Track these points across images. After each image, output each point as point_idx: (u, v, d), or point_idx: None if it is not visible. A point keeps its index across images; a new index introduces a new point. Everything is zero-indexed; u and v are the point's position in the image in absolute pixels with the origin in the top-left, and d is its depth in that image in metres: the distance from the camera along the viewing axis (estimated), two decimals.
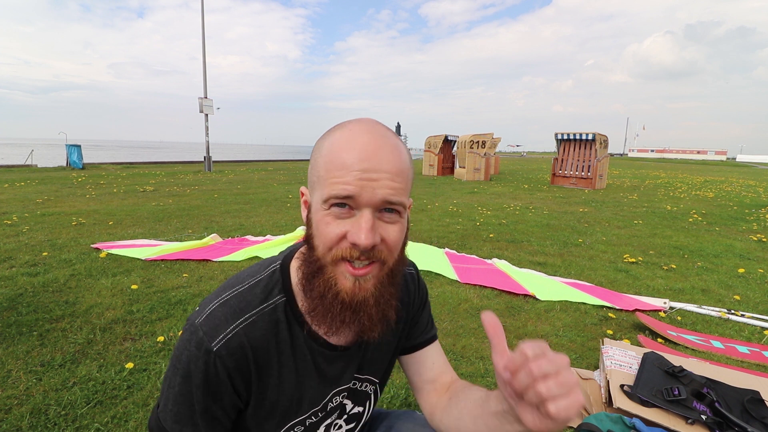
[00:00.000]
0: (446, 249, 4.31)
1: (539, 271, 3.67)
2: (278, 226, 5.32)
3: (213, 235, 4.39)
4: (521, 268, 3.76)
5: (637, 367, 1.79)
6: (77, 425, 1.57)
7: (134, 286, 2.94)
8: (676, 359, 1.92)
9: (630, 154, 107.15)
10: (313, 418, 0.71)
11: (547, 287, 3.21)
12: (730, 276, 3.77)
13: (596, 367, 2.06)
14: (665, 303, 2.93)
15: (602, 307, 2.89)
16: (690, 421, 1.51)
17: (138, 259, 3.58)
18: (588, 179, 11.90)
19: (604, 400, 1.70)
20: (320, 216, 0.58)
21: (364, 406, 0.81)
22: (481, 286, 3.20)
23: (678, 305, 2.95)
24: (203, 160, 15.69)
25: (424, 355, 0.83)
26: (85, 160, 14.97)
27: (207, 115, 15.83)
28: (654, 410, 1.56)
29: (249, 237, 4.58)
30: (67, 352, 2.06)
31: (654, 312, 2.84)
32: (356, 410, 0.80)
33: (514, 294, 3.05)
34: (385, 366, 0.81)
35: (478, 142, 13.89)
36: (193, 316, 0.64)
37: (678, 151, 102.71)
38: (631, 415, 1.53)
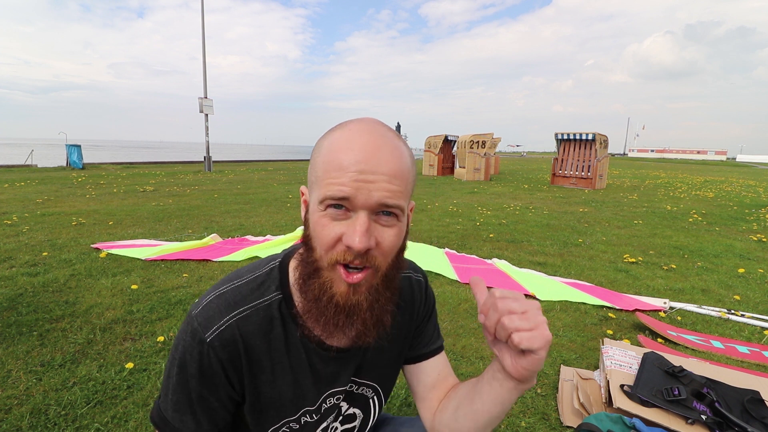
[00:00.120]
0: (446, 249, 4.31)
1: (539, 271, 3.68)
2: (278, 226, 5.32)
3: (213, 235, 4.39)
4: (521, 268, 3.76)
5: (637, 367, 1.79)
6: (77, 425, 1.57)
7: (134, 286, 2.94)
8: (676, 359, 1.92)
9: (630, 154, 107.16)
10: (307, 418, 0.71)
11: (547, 287, 3.22)
12: (730, 276, 3.77)
13: (596, 367, 2.06)
14: (665, 303, 2.93)
15: (602, 307, 2.89)
16: (690, 421, 1.51)
17: (138, 259, 3.58)
18: (588, 179, 11.91)
19: (604, 400, 1.70)
20: (317, 217, 0.57)
21: (365, 411, 0.79)
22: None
23: (678, 305, 2.95)
24: (203, 160, 15.69)
25: (429, 366, 0.81)
26: (85, 160, 14.96)
27: (207, 115, 15.82)
28: (654, 410, 1.56)
29: (249, 237, 4.58)
30: (67, 352, 2.07)
31: (654, 312, 2.84)
32: (353, 412, 0.78)
33: None
34: (386, 372, 0.79)
35: (478, 142, 13.90)
36: (191, 308, 0.66)
37: (678, 151, 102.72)
38: (631, 415, 1.53)
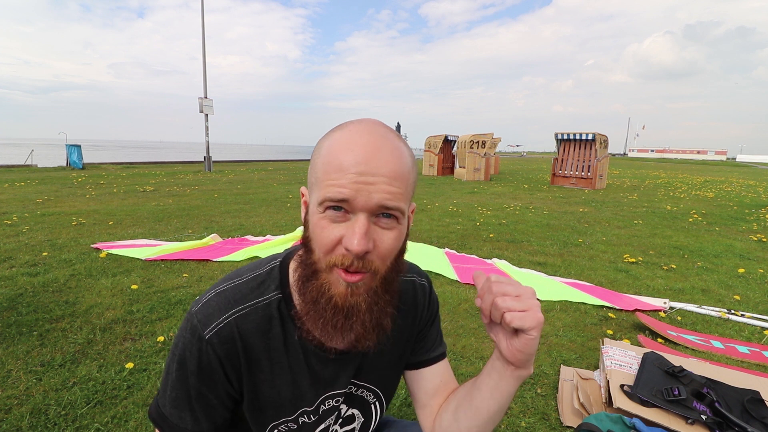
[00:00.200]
0: (446, 249, 4.31)
1: (539, 271, 3.67)
2: (278, 226, 5.32)
3: (213, 235, 4.39)
4: (521, 268, 3.76)
5: (637, 367, 1.79)
6: (77, 425, 1.57)
7: (134, 286, 2.94)
8: (676, 359, 1.92)
9: (630, 154, 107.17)
10: (305, 418, 0.71)
11: (547, 287, 3.22)
12: (730, 276, 3.77)
13: (596, 367, 2.06)
14: (665, 303, 2.93)
15: (602, 307, 2.89)
16: (690, 421, 1.51)
17: (138, 259, 3.58)
18: (588, 179, 11.91)
19: (604, 400, 1.70)
20: (316, 219, 0.57)
21: (365, 413, 0.78)
22: None
23: (678, 305, 2.95)
24: (203, 160, 15.68)
25: (431, 373, 0.80)
26: (85, 160, 14.96)
27: (207, 115, 15.82)
28: (654, 410, 1.56)
29: (249, 237, 4.58)
30: (67, 352, 2.07)
31: (654, 312, 2.84)
32: (353, 413, 0.77)
33: None
34: (386, 375, 0.78)
35: (478, 142, 13.90)
36: (192, 305, 0.67)
37: (678, 151, 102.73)
38: (631, 415, 1.53)
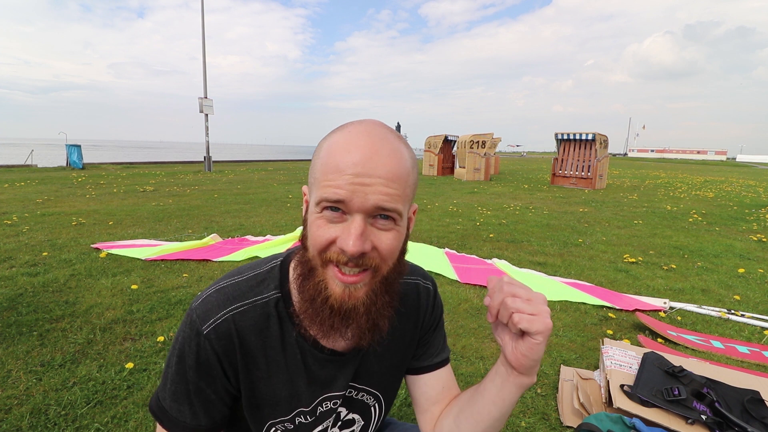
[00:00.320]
0: (446, 249, 4.31)
1: (539, 271, 3.67)
2: (278, 226, 5.32)
3: (213, 235, 4.39)
4: (521, 268, 3.76)
5: (637, 367, 1.79)
6: (77, 425, 1.57)
7: (134, 286, 2.94)
8: (676, 359, 1.92)
9: (630, 154, 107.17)
10: (302, 419, 0.71)
11: (547, 287, 3.22)
12: (730, 276, 3.77)
13: (596, 367, 2.06)
14: (665, 303, 2.93)
15: (602, 307, 2.89)
16: (690, 421, 1.51)
17: (138, 259, 3.58)
18: (588, 179, 11.91)
19: (604, 400, 1.70)
20: (313, 218, 0.57)
21: (365, 417, 0.78)
22: (481, 286, 3.20)
23: (678, 305, 2.95)
24: (203, 160, 15.69)
25: (434, 379, 0.79)
26: (85, 160, 14.96)
27: (207, 115, 15.82)
28: (654, 410, 1.56)
29: (249, 237, 4.58)
30: (67, 352, 2.07)
31: (654, 312, 2.84)
32: (352, 417, 0.77)
33: None
34: (387, 379, 0.77)
35: (478, 142, 13.90)
36: (192, 301, 0.68)
37: (678, 151, 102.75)
38: (631, 415, 1.53)
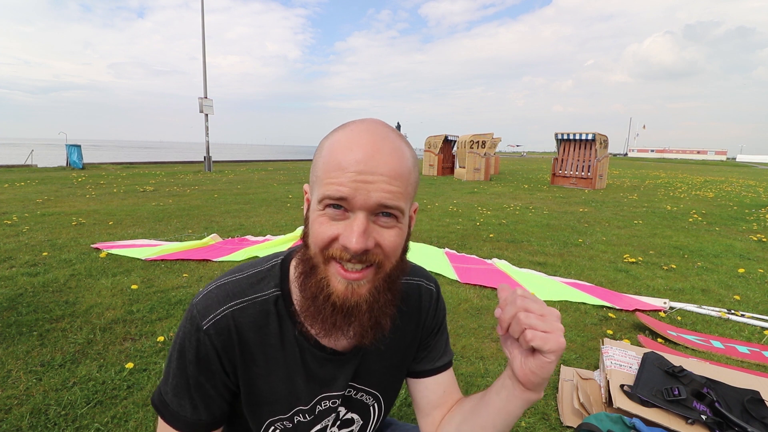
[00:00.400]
0: (446, 249, 4.31)
1: (539, 271, 3.67)
2: (278, 226, 5.32)
3: (213, 235, 4.39)
4: (521, 268, 3.76)
5: (637, 367, 1.79)
6: (77, 425, 1.57)
7: (134, 286, 2.94)
8: (676, 359, 1.92)
9: (630, 154, 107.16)
10: (300, 417, 0.70)
11: (547, 287, 3.22)
12: (730, 276, 3.77)
13: (596, 367, 2.06)
14: (665, 303, 2.93)
15: (602, 307, 2.89)
16: (690, 421, 1.51)
17: (138, 259, 3.58)
18: (588, 179, 11.91)
19: (604, 400, 1.70)
20: (315, 216, 0.58)
21: (364, 417, 0.77)
22: (481, 286, 3.20)
23: (678, 305, 2.95)
24: (203, 160, 15.68)
25: (435, 382, 0.78)
26: (85, 160, 14.96)
27: (207, 115, 15.82)
28: (654, 410, 1.56)
29: (249, 237, 4.58)
30: (67, 352, 2.06)
31: (654, 312, 2.84)
32: (351, 417, 0.76)
33: None
34: (387, 380, 0.76)
35: (478, 142, 13.90)
36: (194, 297, 0.68)
37: (678, 151, 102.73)
38: (631, 415, 1.53)
